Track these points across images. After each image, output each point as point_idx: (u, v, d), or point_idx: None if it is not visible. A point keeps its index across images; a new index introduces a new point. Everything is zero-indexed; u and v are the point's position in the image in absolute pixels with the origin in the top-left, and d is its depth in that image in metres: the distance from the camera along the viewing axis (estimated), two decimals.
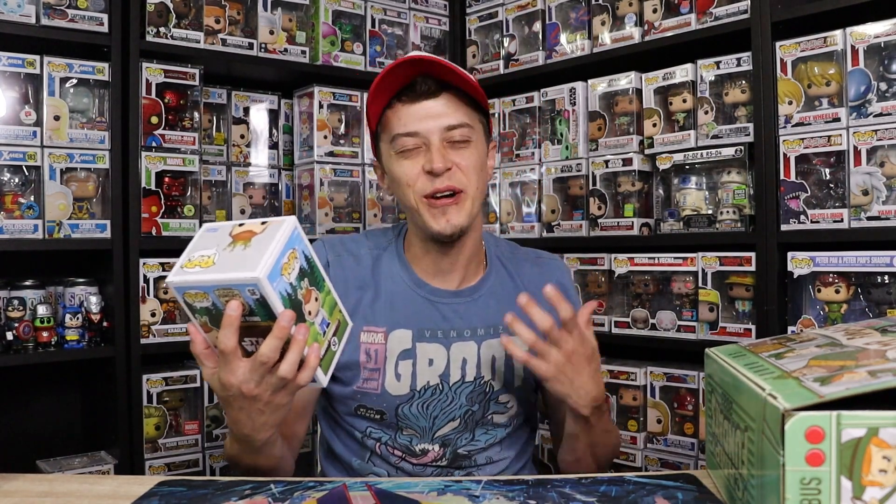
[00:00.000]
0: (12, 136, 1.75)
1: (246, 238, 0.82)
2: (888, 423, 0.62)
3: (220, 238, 0.83)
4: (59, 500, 0.90)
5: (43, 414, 2.04)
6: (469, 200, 1.12)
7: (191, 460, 1.97)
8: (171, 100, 1.96)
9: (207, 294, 0.80)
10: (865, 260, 1.57)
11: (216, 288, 0.79)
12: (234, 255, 0.80)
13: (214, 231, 0.85)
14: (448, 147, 1.11)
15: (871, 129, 1.57)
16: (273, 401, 0.89)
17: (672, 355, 1.97)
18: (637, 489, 0.89)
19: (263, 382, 0.86)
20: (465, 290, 1.20)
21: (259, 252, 0.79)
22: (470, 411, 1.17)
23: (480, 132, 1.16)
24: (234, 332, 0.82)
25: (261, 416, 0.91)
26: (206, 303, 0.81)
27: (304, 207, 2.24)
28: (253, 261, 0.78)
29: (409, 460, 1.18)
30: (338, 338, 0.89)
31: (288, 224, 0.82)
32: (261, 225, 0.84)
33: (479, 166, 1.13)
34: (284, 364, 0.83)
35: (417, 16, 2.41)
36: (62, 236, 1.80)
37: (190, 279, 0.80)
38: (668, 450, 1.90)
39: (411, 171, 1.11)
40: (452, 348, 1.17)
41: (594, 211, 2.06)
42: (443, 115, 1.10)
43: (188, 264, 0.81)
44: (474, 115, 1.15)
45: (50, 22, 1.77)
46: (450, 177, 1.10)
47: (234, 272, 0.78)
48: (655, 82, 1.96)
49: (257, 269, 0.76)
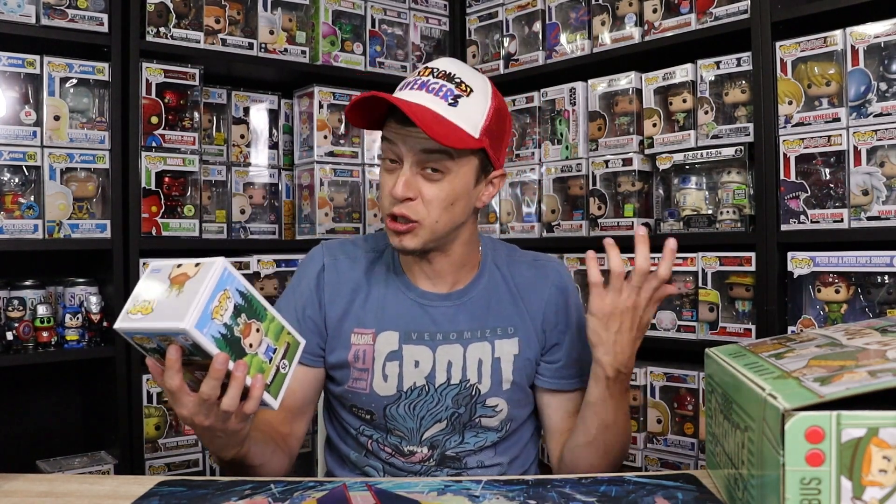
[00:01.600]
0: (12, 136, 1.75)
1: (180, 283, 0.85)
2: (888, 423, 0.62)
3: (161, 280, 0.87)
4: (59, 500, 0.90)
5: (43, 414, 2.04)
6: (425, 230, 1.09)
7: (191, 460, 1.97)
8: (171, 100, 1.96)
9: (151, 339, 0.85)
10: (865, 260, 1.57)
11: (156, 334, 0.84)
12: (169, 302, 0.84)
13: (157, 272, 0.89)
14: (419, 175, 1.08)
15: (871, 129, 1.57)
16: (227, 428, 0.92)
17: (672, 355, 1.97)
18: (637, 489, 0.89)
19: (211, 414, 0.89)
20: (454, 294, 1.19)
21: (188, 300, 0.82)
22: (456, 413, 1.17)
23: (467, 166, 1.10)
24: (177, 373, 0.86)
25: (219, 440, 0.95)
26: (153, 345, 0.86)
27: (304, 207, 2.24)
28: (182, 310, 0.82)
29: (399, 458, 1.18)
30: (288, 360, 0.93)
31: (217, 267, 0.85)
32: (194, 267, 0.87)
33: (447, 201, 1.09)
34: (226, 399, 0.86)
35: (417, 16, 2.41)
36: (62, 236, 1.80)
37: (133, 326, 0.85)
38: (668, 450, 1.90)
39: (385, 187, 1.11)
40: (438, 350, 1.16)
41: (594, 211, 2.06)
42: (422, 140, 1.06)
43: (133, 310, 0.86)
44: (462, 150, 1.08)
45: (50, 22, 1.77)
46: (408, 206, 1.08)
47: (166, 321, 0.82)
48: (655, 82, 1.96)
49: (184, 320, 0.80)
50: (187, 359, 0.86)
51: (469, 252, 1.20)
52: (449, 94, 1.07)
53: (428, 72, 1.11)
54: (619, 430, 1.13)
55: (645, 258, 1.07)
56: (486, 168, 1.14)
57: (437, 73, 1.10)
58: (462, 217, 1.13)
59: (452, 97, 1.07)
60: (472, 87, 1.09)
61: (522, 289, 1.22)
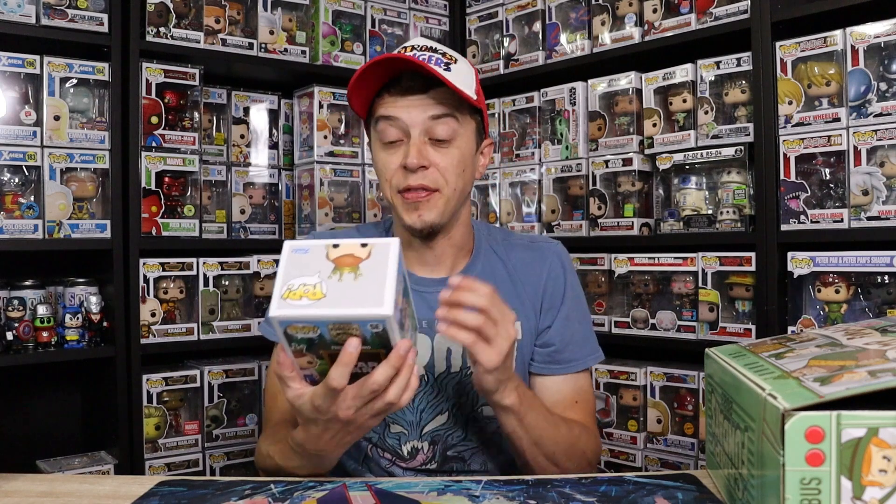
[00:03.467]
0: (12, 136, 1.75)
1: (352, 265, 0.77)
2: (888, 423, 0.62)
3: (317, 262, 0.78)
4: (59, 500, 0.90)
5: (43, 414, 2.04)
6: (443, 200, 1.10)
7: (191, 460, 1.97)
8: (171, 100, 1.96)
9: (318, 327, 0.75)
10: (865, 260, 1.57)
11: (331, 323, 0.75)
12: (345, 286, 0.75)
13: (304, 252, 0.79)
14: (428, 144, 1.09)
15: (871, 129, 1.57)
16: (367, 424, 0.86)
17: (672, 355, 1.97)
18: (637, 489, 0.89)
19: (365, 407, 0.83)
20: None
21: (377, 283, 0.74)
22: (457, 403, 1.16)
23: (469, 129, 1.13)
24: (349, 370, 0.78)
25: (347, 437, 0.90)
26: (312, 334, 0.76)
27: (304, 207, 2.24)
28: (375, 295, 0.73)
29: (399, 464, 1.17)
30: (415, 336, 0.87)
31: (394, 248, 0.78)
32: (361, 248, 0.78)
33: (459, 167, 1.11)
34: (394, 388, 0.80)
35: (417, 16, 2.41)
36: (62, 236, 1.80)
37: (299, 314, 0.74)
38: (668, 450, 1.90)
39: (390, 165, 1.10)
40: (437, 338, 1.15)
41: (594, 211, 2.06)
42: (428, 106, 1.08)
43: (290, 295, 0.75)
44: (464, 112, 1.12)
45: (50, 22, 1.77)
46: (424, 175, 1.08)
47: (355, 308, 0.73)
48: (655, 82, 1.96)
49: (383, 306, 0.73)
50: (336, 350, 0.77)
51: (466, 234, 1.20)
52: (440, 63, 1.08)
53: (409, 48, 1.10)
54: (553, 438, 1.07)
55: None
56: (480, 134, 1.17)
57: (419, 47, 1.10)
58: (469, 186, 1.15)
59: (444, 65, 1.08)
60: (455, 56, 1.12)
61: (520, 271, 1.21)
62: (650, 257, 1.94)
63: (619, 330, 2.01)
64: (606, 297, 2.04)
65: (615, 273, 2.02)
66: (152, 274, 1.91)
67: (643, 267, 1.96)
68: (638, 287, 2.00)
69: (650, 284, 1.97)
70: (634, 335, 1.98)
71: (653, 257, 1.94)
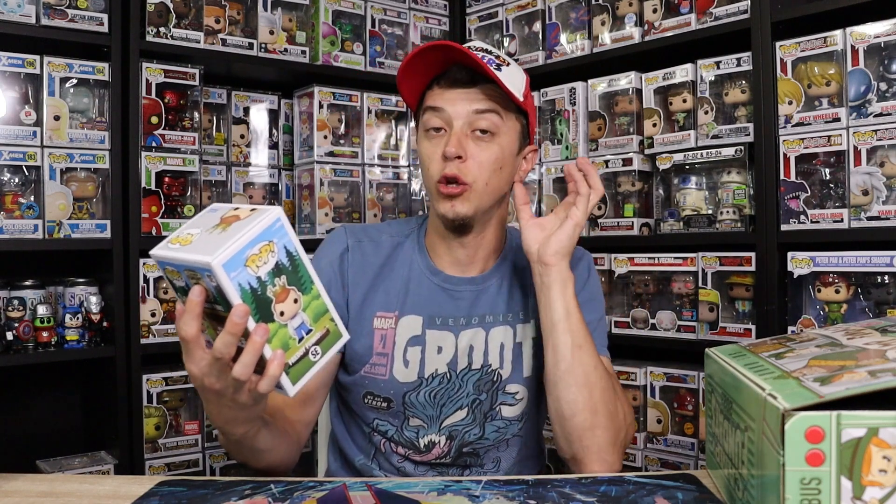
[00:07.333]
0: (12, 136, 1.75)
1: (228, 222, 0.78)
2: (888, 423, 0.62)
3: (213, 218, 0.80)
4: (59, 500, 0.90)
5: (43, 414, 2.04)
6: (475, 195, 1.10)
7: (191, 460, 1.97)
8: (171, 100, 1.96)
9: (180, 274, 0.77)
10: (865, 260, 1.57)
11: (185, 268, 0.76)
12: (209, 238, 0.76)
13: (214, 211, 0.82)
14: (470, 137, 1.10)
15: (871, 129, 1.57)
16: (237, 399, 0.84)
17: (672, 355, 1.97)
18: (637, 489, 0.89)
19: (223, 378, 0.81)
20: (479, 277, 1.19)
21: (227, 238, 0.75)
22: (477, 400, 1.16)
23: (513, 129, 1.14)
24: (195, 318, 0.77)
25: (229, 412, 0.88)
26: (182, 283, 0.78)
27: (304, 207, 2.24)
28: (216, 245, 0.74)
29: (413, 458, 1.17)
30: (322, 348, 0.82)
31: (270, 215, 0.78)
32: (249, 211, 0.80)
33: (497, 163, 1.11)
34: (238, 365, 0.77)
35: (417, 16, 2.41)
36: (62, 236, 1.80)
37: (166, 255, 0.77)
38: (668, 450, 1.90)
39: (432, 153, 1.12)
40: (461, 336, 1.16)
41: (594, 211, 2.06)
42: (473, 100, 1.10)
43: (174, 240, 0.78)
44: (510, 111, 1.13)
45: (50, 22, 1.77)
46: (458, 166, 1.09)
47: (196, 254, 0.74)
48: (655, 82, 1.96)
49: (214, 255, 0.72)
50: (211, 307, 0.77)
51: (499, 237, 1.21)
52: (492, 62, 1.10)
53: (465, 47, 1.12)
54: (591, 360, 1.06)
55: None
56: (525, 137, 1.17)
57: (475, 48, 1.12)
58: (507, 186, 1.16)
59: (495, 64, 1.10)
60: (508, 60, 1.13)
61: None
62: (650, 257, 1.94)
63: (619, 330, 2.01)
64: (606, 298, 2.04)
65: (615, 273, 2.02)
66: (152, 274, 1.91)
67: (643, 267, 1.96)
68: (638, 287, 2.00)
69: (650, 284, 1.97)
70: (634, 335, 1.98)
71: (653, 257, 1.94)
